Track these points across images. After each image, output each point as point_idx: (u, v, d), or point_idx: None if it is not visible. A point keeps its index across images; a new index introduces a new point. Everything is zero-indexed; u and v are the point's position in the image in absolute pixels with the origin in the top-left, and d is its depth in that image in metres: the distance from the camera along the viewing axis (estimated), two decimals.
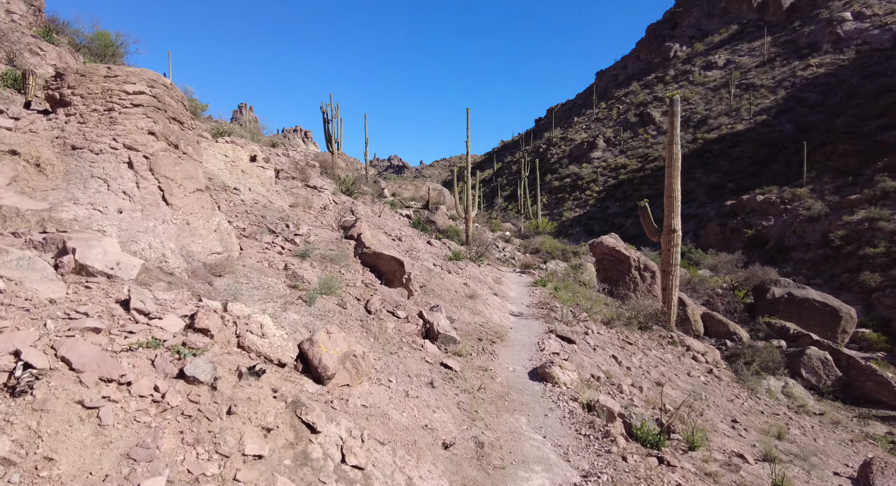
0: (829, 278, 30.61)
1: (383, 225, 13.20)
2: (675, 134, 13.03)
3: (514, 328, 9.43)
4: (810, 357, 15.36)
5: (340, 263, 7.85)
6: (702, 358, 12.40)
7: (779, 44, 55.42)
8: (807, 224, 34.90)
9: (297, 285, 6.07)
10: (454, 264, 12.68)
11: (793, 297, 20.88)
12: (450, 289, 10.13)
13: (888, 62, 45.67)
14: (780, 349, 15.91)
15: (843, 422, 12.01)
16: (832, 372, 14.96)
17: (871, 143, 37.75)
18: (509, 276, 16.72)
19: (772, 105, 48.93)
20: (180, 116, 5.46)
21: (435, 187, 39.11)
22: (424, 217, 26.07)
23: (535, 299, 12.53)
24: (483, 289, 11.76)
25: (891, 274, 27.41)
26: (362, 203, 15.53)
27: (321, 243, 8.55)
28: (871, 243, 29.78)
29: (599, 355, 9.04)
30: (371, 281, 7.71)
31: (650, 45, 78.57)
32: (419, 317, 7.01)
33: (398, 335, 6.38)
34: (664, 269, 13.49)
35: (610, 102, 73.99)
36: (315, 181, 13.44)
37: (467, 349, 7.26)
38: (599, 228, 48.65)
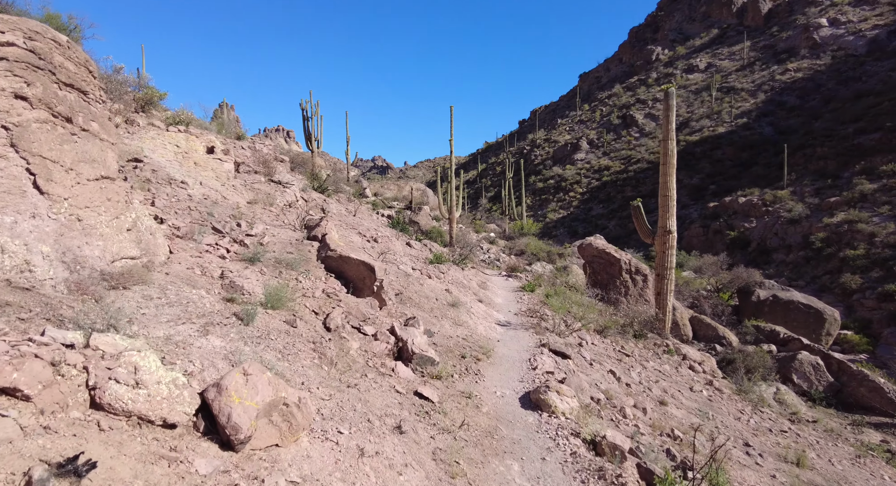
0: (811, 279, 30.54)
1: (357, 225, 11.99)
2: (670, 129, 12.20)
3: (502, 341, 8.36)
4: (802, 362, 14.88)
5: (299, 268, 6.64)
6: (699, 368, 11.60)
7: (758, 48, 56.15)
8: (788, 226, 34.96)
9: (234, 298, 4.86)
10: (435, 267, 11.57)
11: (778, 299, 20.69)
12: (430, 296, 9.00)
13: (862, 68, 46.55)
14: (770, 354, 15.47)
15: (836, 430, 11.48)
16: (824, 378, 14.51)
17: (849, 146, 38.17)
18: (495, 280, 15.69)
19: (752, 108, 49.39)
20: (81, 84, 4.22)
21: (418, 187, 37.98)
22: (407, 218, 24.99)
23: (524, 306, 11.51)
24: (467, 295, 10.68)
25: (870, 276, 27.40)
26: (336, 201, 14.27)
27: (278, 244, 7.32)
28: (851, 244, 29.83)
29: (597, 370, 8.04)
30: (335, 290, 6.52)
31: (632, 48, 79.07)
32: (390, 333, 5.86)
33: (363, 358, 5.22)
34: (658, 272, 12.65)
35: (593, 104, 74.09)
36: (282, 176, 12.14)
37: (448, 370, 6.14)
38: (583, 230, 48.27)
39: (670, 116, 12.22)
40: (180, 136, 11.11)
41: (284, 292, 5.45)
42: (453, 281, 11.36)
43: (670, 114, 12.24)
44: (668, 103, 12.27)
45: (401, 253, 10.92)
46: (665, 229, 12.23)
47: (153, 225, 5.02)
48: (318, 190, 13.91)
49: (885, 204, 30.70)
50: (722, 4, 65.79)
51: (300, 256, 7.05)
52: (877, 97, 41.05)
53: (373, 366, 5.18)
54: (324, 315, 5.69)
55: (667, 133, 12.24)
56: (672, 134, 12.19)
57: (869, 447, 10.97)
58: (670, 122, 12.18)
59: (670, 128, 12.22)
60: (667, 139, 12.18)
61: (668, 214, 12.19)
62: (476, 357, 6.98)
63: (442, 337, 7.39)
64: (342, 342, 5.22)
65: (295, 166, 16.64)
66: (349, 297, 6.60)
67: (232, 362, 3.46)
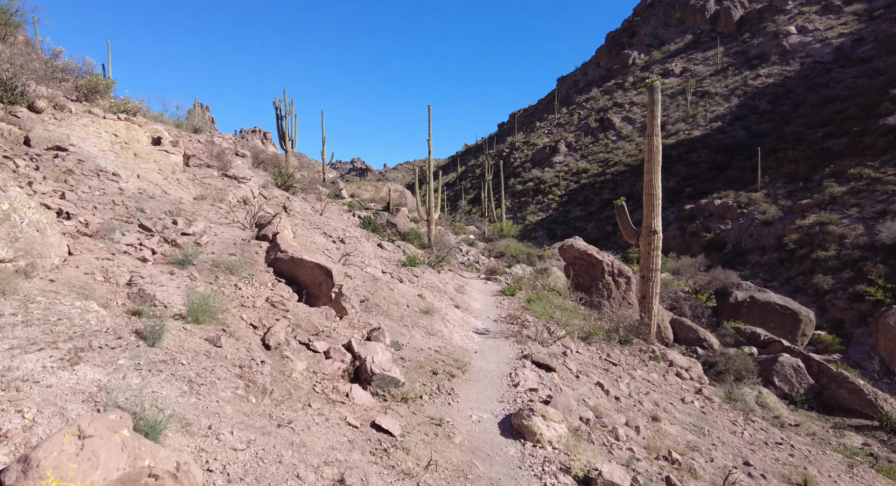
0: (785, 280, 30.89)
1: (324, 225, 10.97)
2: (654, 125, 11.62)
3: (480, 352, 7.51)
4: (783, 365, 14.63)
5: (240, 273, 5.64)
6: (686, 375, 11.03)
7: (731, 54, 57.43)
8: (762, 228, 35.43)
9: (142, 311, 3.85)
10: (408, 270, 10.65)
11: (755, 300, 20.78)
12: (400, 303, 8.07)
13: (829, 75, 47.97)
14: (751, 357, 15.24)
15: (819, 434, 10.83)
16: (804, 380, 14.30)
17: (818, 150, 39.05)
18: (473, 283, 14.85)
19: (726, 112, 50.31)
20: None
21: (396, 189, 37.02)
22: (384, 220, 24.06)
23: (504, 312, 10.70)
24: (442, 301, 9.79)
25: (841, 277, 27.79)
26: (302, 199, 13.19)
27: (219, 245, 6.29)
28: (823, 246, 30.27)
29: (583, 384, 7.26)
30: (283, 298, 5.54)
31: (609, 53, 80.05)
32: (346, 350, 4.92)
33: (309, 382, 4.27)
34: (643, 274, 12.04)
35: (571, 107, 74.55)
36: (239, 171, 11.01)
37: (416, 390, 5.23)
38: (562, 232, 48.16)
39: (655, 111, 11.64)
40: (120, 124, 9.90)
41: (214, 301, 4.45)
42: (428, 285, 10.46)
43: (655, 109, 11.66)
44: (653, 97, 11.70)
45: (370, 255, 9.96)
46: (650, 230, 11.63)
47: (43, 220, 3.97)
48: (282, 187, 12.81)
49: (853, 206, 31.33)
50: (696, 11, 67.22)
51: (244, 258, 6.03)
52: (843, 103, 42.27)
53: (321, 392, 4.23)
54: (264, 330, 4.71)
55: (651, 129, 11.66)
56: (657, 130, 11.62)
57: (853, 452, 10.72)
58: (655, 117, 11.61)
59: (655, 124, 11.64)
60: (652, 135, 11.59)
61: (653, 213, 11.59)
62: (450, 373, 6.09)
63: (412, 350, 6.48)
64: (283, 363, 4.26)
65: (260, 163, 15.44)
66: (300, 306, 5.62)
67: (99, 405, 2.48)
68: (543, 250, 29.43)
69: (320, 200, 15.33)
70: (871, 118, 37.62)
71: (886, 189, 30.95)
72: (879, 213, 29.75)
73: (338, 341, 5.37)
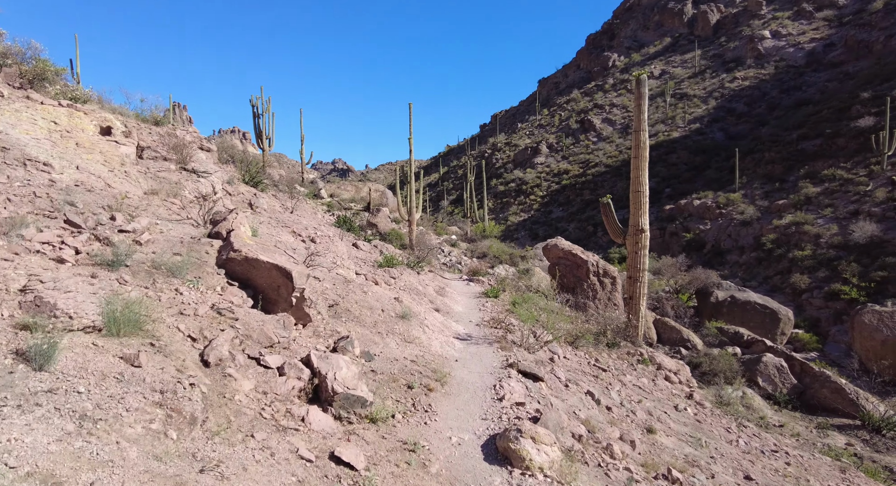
0: (763, 280, 31.20)
1: (293, 223, 10.16)
2: (641, 119, 11.21)
3: (462, 361, 6.86)
4: (766, 365, 14.55)
5: (185, 275, 4.86)
6: (675, 378, 10.64)
7: (708, 57, 58.45)
8: (740, 228, 35.81)
9: (36, 325, 3.05)
10: (385, 272, 9.94)
11: (735, 300, 20.92)
12: (374, 307, 7.37)
13: (802, 78, 49.16)
14: (735, 357, 15.14)
15: (803, 435, 10.66)
16: (788, 380, 14.25)
17: (793, 151, 39.80)
18: (455, 284, 14.21)
19: (704, 114, 51.05)
20: None
21: (377, 188, 36.23)
22: (365, 220, 23.33)
23: (487, 315, 10.08)
24: (421, 304, 9.12)
25: (817, 276, 28.14)
26: (272, 196, 12.32)
27: (163, 243, 5.48)
28: (799, 245, 30.68)
29: (573, 393, 6.68)
30: (232, 304, 4.78)
31: (590, 55, 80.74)
32: (305, 365, 4.20)
33: (256, 406, 3.55)
34: (630, 274, 11.61)
35: (552, 108, 74.81)
36: (200, 165, 10.11)
37: (388, 409, 4.54)
38: (544, 233, 48.04)
39: (642, 105, 11.23)
40: (61, 111, 8.92)
41: (143, 309, 3.69)
42: (406, 287, 9.77)
43: (642, 103, 11.25)
44: (640, 91, 11.29)
45: (344, 255, 9.20)
46: (637, 228, 11.20)
47: None
48: (250, 183, 11.92)
49: (828, 206, 31.88)
50: (674, 14, 68.29)
51: (192, 258, 5.24)
52: (815, 106, 43.29)
53: (270, 417, 3.51)
54: (205, 343, 3.95)
55: (638, 124, 11.24)
56: (644, 124, 11.21)
57: (838, 454, 10.57)
58: (642, 112, 11.20)
59: (642, 118, 11.23)
60: (639, 130, 11.17)
61: (640, 211, 11.16)
62: (427, 386, 5.42)
63: (385, 360, 5.78)
64: (225, 384, 3.52)
65: (230, 159, 14.46)
66: (253, 314, 4.86)
67: None
68: (526, 250, 29.09)
69: (294, 197, 14.47)
70: (843, 121, 38.56)
71: (858, 190, 31.60)
72: (852, 213, 30.31)
73: (297, 353, 4.64)
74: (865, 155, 33.74)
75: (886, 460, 10.48)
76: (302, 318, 5.39)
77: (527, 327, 8.12)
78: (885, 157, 31.66)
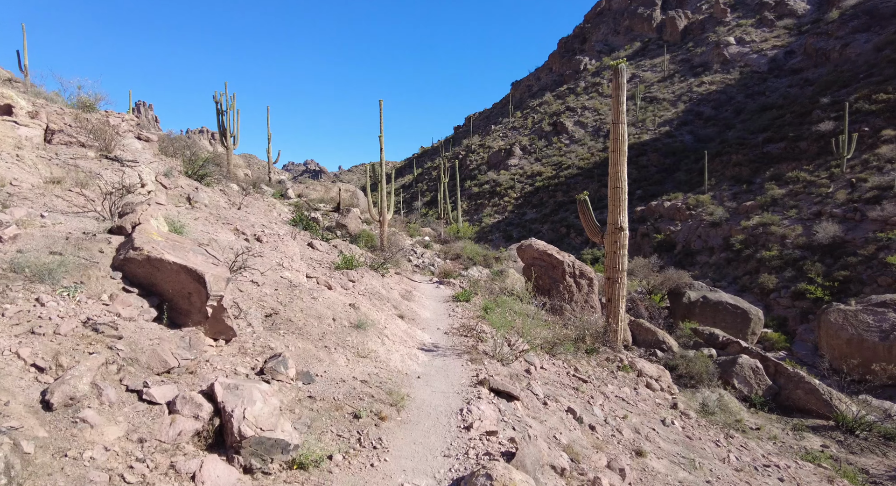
0: (732, 280, 31.54)
1: (238, 220, 8.95)
2: (620, 111, 10.54)
3: (425, 377, 5.90)
4: (742, 366, 14.35)
5: (57, 279, 3.71)
6: (656, 385, 10.01)
7: (676, 61, 59.74)
8: (710, 229, 36.25)
9: None
10: (343, 274, 8.87)
11: (707, 300, 21.00)
12: (323, 316, 6.31)
13: (765, 84, 50.70)
14: (711, 359, 14.86)
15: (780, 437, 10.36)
16: (763, 381, 14.10)
17: (759, 154, 40.79)
18: (424, 288, 13.23)
19: (673, 117, 51.96)
20: None
21: (347, 188, 34.88)
22: (334, 221, 22.07)
23: (457, 321, 9.16)
24: (383, 311, 8.09)
25: (784, 276, 28.58)
26: (219, 192, 11.03)
27: (41, 239, 4.29)
28: (766, 246, 31.16)
29: (553, 412, 5.81)
30: (120, 317, 3.66)
31: (562, 58, 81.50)
32: (206, 398, 3.13)
33: (122, 463, 2.49)
34: (609, 275, 10.92)
35: (525, 111, 75.00)
36: (129, 154, 8.77)
37: (325, 448, 3.51)
38: (518, 234, 47.75)
39: (620, 96, 10.56)
40: None
41: None
42: (367, 292, 8.73)
43: (620, 94, 10.59)
44: (619, 81, 10.63)
45: (294, 256, 8.07)
46: (616, 226, 10.51)
47: None
48: (193, 176, 10.60)
49: (792, 208, 32.58)
50: (643, 20, 69.65)
51: (77, 258, 4.08)
52: (779, 110, 44.61)
53: (138, 479, 2.45)
54: (57, 373, 2.84)
55: (616, 115, 10.56)
56: (622, 117, 10.54)
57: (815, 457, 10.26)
58: (620, 103, 10.53)
59: (620, 110, 10.56)
60: (617, 123, 10.49)
61: (619, 208, 10.48)
62: (379, 414, 4.42)
63: (328, 382, 4.75)
64: (73, 435, 2.44)
65: (176, 151, 12.97)
66: (149, 329, 3.73)
67: None
68: (500, 251, 28.45)
69: (248, 194, 13.14)
70: (805, 125, 39.77)
71: (820, 192, 32.43)
72: (815, 214, 31.03)
73: (204, 381, 3.57)
74: (826, 158, 34.79)
75: (862, 462, 10.30)
76: (222, 332, 4.30)
77: (500, 334, 7.23)
78: (845, 160, 32.64)
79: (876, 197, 28.80)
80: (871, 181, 30.02)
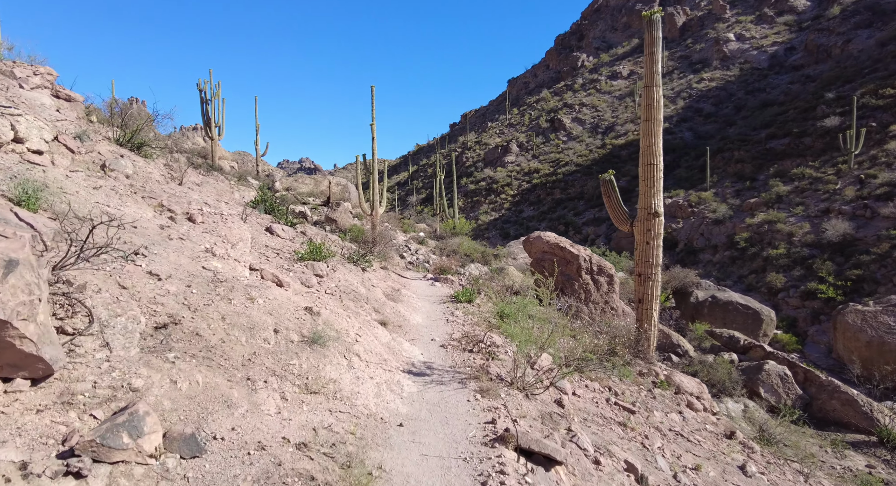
0: (738, 279, 30.04)
1: (171, 196, 6.86)
2: (655, 72, 8.65)
3: (411, 425, 3.89)
4: (769, 374, 12.84)
5: None
6: (698, 404, 8.28)
7: (675, 58, 58.43)
8: (713, 226, 34.82)
9: None
10: (307, 268, 6.84)
11: (716, 300, 19.84)
12: (258, 327, 4.27)
13: (766, 80, 49.52)
14: (733, 364, 13.26)
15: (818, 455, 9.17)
16: (792, 390, 12.69)
17: (762, 150, 39.45)
18: (416, 285, 11.51)
19: (673, 114, 50.55)
20: None
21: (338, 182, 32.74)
22: (324, 215, 20.11)
23: (458, 329, 7.25)
24: (357, 316, 6.11)
25: (792, 274, 27.15)
26: (161, 165, 8.87)
27: None
28: (773, 244, 29.77)
29: (609, 475, 3.81)
30: None
31: (559, 55, 79.97)
32: None
33: None
34: (640, 271, 9.05)
35: (522, 108, 73.36)
36: (18, 108, 6.60)
37: None
38: (514, 232, 46.01)
39: (655, 53, 8.66)
40: None
41: None
42: (339, 290, 6.75)
43: (655, 51, 8.68)
44: (653, 36, 8.73)
45: (240, 242, 5.97)
46: (650, 211, 8.63)
47: None
48: (126, 145, 8.46)
49: (799, 205, 31.17)
50: (641, 16, 68.26)
51: None
52: (781, 106, 43.36)
53: None
54: None
55: (651, 77, 8.67)
56: (658, 78, 8.65)
57: (864, 481, 8.57)
58: (655, 61, 8.64)
59: (655, 70, 8.67)
60: (651, 85, 8.60)
61: (652, 190, 8.62)
62: None
63: (229, 455, 2.71)
64: None
65: (123, 124, 10.60)
66: None
67: None
68: (498, 249, 26.70)
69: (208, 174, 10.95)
70: (809, 120, 38.50)
71: (828, 188, 31.09)
72: (823, 211, 29.65)
73: None
74: (832, 154, 33.51)
75: None
76: (21, 366, 2.27)
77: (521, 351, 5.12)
78: (853, 155, 31.33)
79: (887, 193, 27.48)
80: (882, 177, 28.68)
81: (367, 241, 13.77)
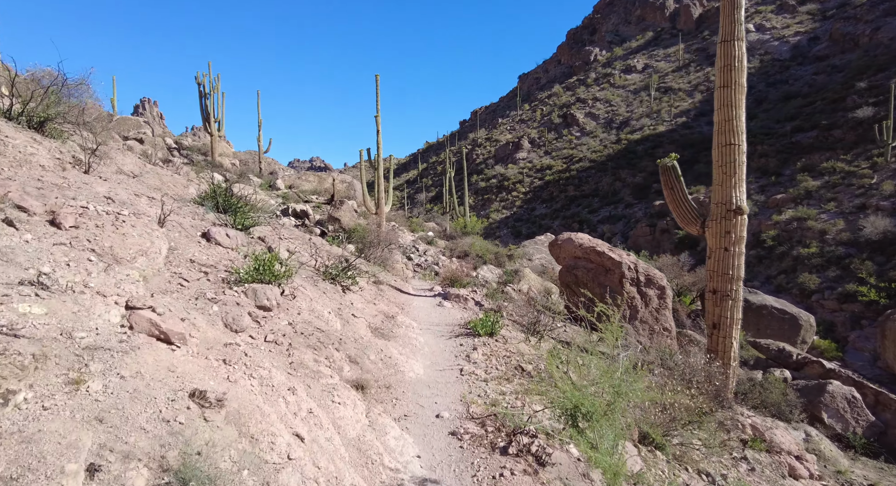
0: (765, 279, 28.48)
1: (68, 188, 5.34)
2: (736, 19, 7.21)
3: None
4: (833, 396, 11.24)
5: None
6: (803, 470, 6.76)
7: (692, 51, 56.73)
8: None
9: None
10: (247, 295, 5.20)
11: (749, 304, 18.18)
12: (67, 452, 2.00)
13: (788, 71, 47.68)
14: (786, 383, 11.71)
15: None
16: (863, 416, 11.08)
17: (788, 144, 37.78)
18: (419, 306, 9.64)
19: (690, 108, 48.97)
20: None
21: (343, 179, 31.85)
22: (326, 214, 19.25)
23: (478, 391, 5.46)
24: (313, 380, 4.42)
25: (827, 275, 25.54)
26: (70, 145, 7.85)
27: None
28: (803, 242, 28.10)
29: None
30: None
31: (571, 50, 78.43)
32: None
33: None
34: (715, 287, 7.60)
35: (533, 104, 72.04)
36: None
37: None
38: (527, 231, 44.83)
39: None
40: None
41: None
42: (291, 331, 5.12)
43: None
44: None
45: (138, 257, 4.33)
46: (730, 207, 7.24)
47: None
48: (28, 123, 7.35)
49: (830, 201, 29.57)
50: (655, 9, 66.58)
51: None
52: (806, 98, 41.57)
53: None
54: None
55: (731, 28, 7.16)
56: (740, 29, 7.14)
57: None
58: (738, 6, 7.15)
59: (737, 17, 7.18)
60: (732, 40, 7.13)
61: (733, 179, 7.15)
62: None
63: None
64: None
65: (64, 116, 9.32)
66: None
67: None
68: (511, 248, 25.57)
69: (155, 163, 9.81)
70: (839, 112, 36.74)
71: (862, 183, 29.45)
72: (858, 207, 28.03)
73: None
74: (866, 146, 31.79)
75: None
76: None
77: (583, 445, 3.42)
78: (889, 148, 29.59)
79: None
80: None
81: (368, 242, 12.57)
